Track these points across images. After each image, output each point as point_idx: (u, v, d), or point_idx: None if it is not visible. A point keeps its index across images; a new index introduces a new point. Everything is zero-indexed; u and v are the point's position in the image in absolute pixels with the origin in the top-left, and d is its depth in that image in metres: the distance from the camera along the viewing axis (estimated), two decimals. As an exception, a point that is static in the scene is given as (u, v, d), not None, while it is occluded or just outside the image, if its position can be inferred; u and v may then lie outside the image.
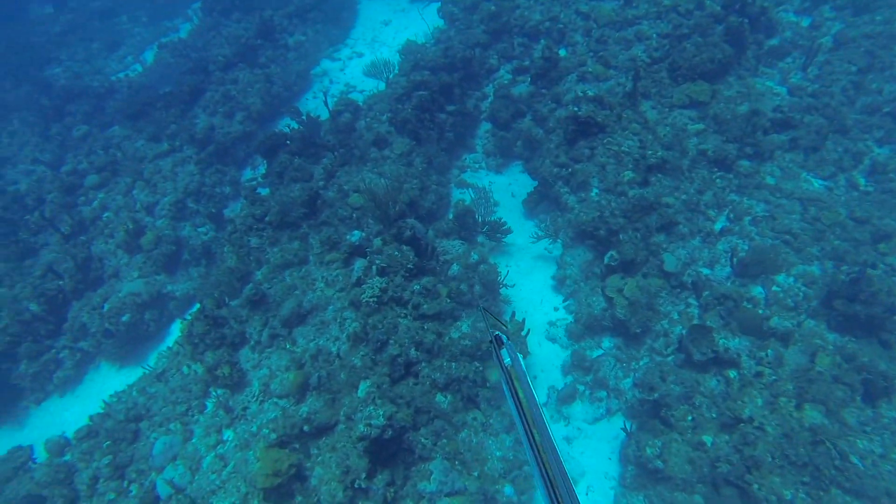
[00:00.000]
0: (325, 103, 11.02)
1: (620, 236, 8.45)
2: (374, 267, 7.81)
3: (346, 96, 12.56)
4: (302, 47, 15.88)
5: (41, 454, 8.53)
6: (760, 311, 7.38)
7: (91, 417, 8.28)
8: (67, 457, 8.03)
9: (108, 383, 9.64)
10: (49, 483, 7.50)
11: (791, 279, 7.61)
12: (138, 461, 7.29)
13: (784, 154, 9.11)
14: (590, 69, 11.18)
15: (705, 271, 8.35)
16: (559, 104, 10.94)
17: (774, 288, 7.58)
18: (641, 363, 7.97)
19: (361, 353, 7.30)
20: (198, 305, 8.70)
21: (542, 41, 12.51)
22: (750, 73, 10.31)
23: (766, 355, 6.84)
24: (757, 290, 7.73)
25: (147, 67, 17.22)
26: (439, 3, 15.69)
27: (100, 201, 11.36)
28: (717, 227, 8.81)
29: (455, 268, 8.48)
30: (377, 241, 8.17)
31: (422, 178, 10.03)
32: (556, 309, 8.96)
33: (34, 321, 9.69)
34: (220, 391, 7.64)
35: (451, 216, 9.77)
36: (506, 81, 12.21)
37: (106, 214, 11.09)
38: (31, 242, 10.87)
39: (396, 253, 7.91)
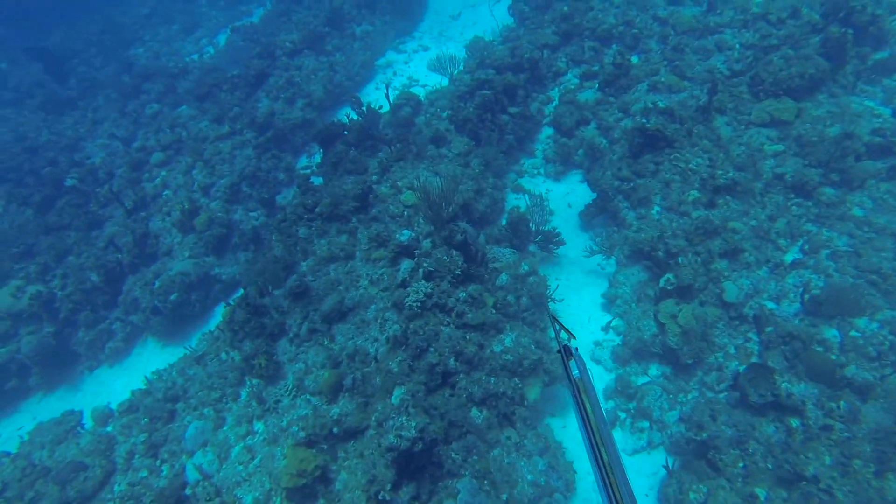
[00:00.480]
0: (387, 95, 10.92)
1: (679, 259, 7.92)
2: (420, 270, 7.64)
3: (407, 90, 12.43)
4: (369, 37, 15.87)
5: (89, 421, 8.89)
6: (833, 357, 6.74)
7: (133, 392, 8.56)
8: (110, 427, 8.34)
9: (153, 359, 9.97)
10: (91, 452, 7.80)
11: (875, 325, 6.90)
12: (171, 442, 7.45)
13: (879, 184, 8.28)
14: (662, 79, 10.58)
15: (770, 305, 7.72)
16: (626, 114, 10.41)
17: (853, 333, 6.90)
18: (690, 396, 7.47)
19: (399, 357, 7.16)
20: (241, 291, 8.81)
21: (615, 46, 11.97)
22: (845, 91, 9.43)
23: (839, 407, 6.21)
24: (831, 333, 7.07)
25: (218, 50, 17.72)
26: (510, 1, 15.32)
27: (162, 179, 11.73)
28: (789, 258, 8.13)
29: (504, 277, 8.20)
30: (426, 243, 8.00)
31: (478, 180, 9.78)
32: (603, 329, 8.54)
33: (94, 291, 10.12)
34: (255, 381, 7.70)
35: (504, 222, 9.48)
36: (573, 86, 11.74)
37: (166, 192, 11.44)
38: (99, 214, 11.37)
39: (445, 257, 7.71)
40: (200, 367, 8.31)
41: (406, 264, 8.10)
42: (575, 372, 2.62)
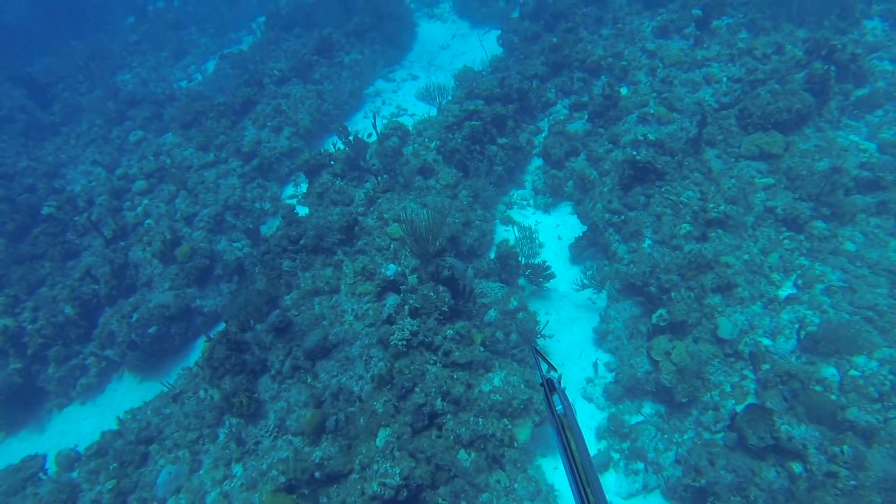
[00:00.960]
0: (374, 125, 10.81)
1: (672, 294, 7.75)
2: (406, 307, 7.38)
3: (396, 119, 12.34)
4: (357, 66, 15.86)
5: (53, 466, 8.39)
6: (833, 398, 6.54)
7: (103, 434, 8.11)
8: (75, 473, 7.84)
9: (128, 395, 9.52)
10: (52, 502, 7.29)
11: (874, 364, 6.73)
12: (142, 488, 7.01)
13: (869, 218, 8.23)
14: (652, 111, 10.59)
15: (766, 342, 7.54)
16: (616, 145, 10.37)
17: (852, 372, 6.72)
18: (686, 437, 7.21)
19: (384, 397, 6.85)
20: (223, 325, 8.48)
21: (604, 77, 12.02)
22: (831, 126, 9.48)
23: (843, 452, 5.98)
24: (829, 372, 6.88)
25: (206, 77, 17.61)
26: (499, 31, 15.45)
27: (144, 207, 11.41)
28: (783, 293, 8.00)
29: (492, 313, 7.96)
30: (413, 279, 7.76)
31: (466, 212, 9.61)
32: (594, 365, 8.29)
33: (67, 325, 9.71)
34: (234, 420, 7.32)
35: (493, 255, 9.28)
36: (562, 117, 11.73)
37: (147, 221, 11.11)
38: (76, 244, 10.99)
39: (432, 294, 7.47)
40: (177, 405, 7.91)
41: (392, 299, 7.84)
42: (559, 408, 2.43)
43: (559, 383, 2.56)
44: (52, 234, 11.14)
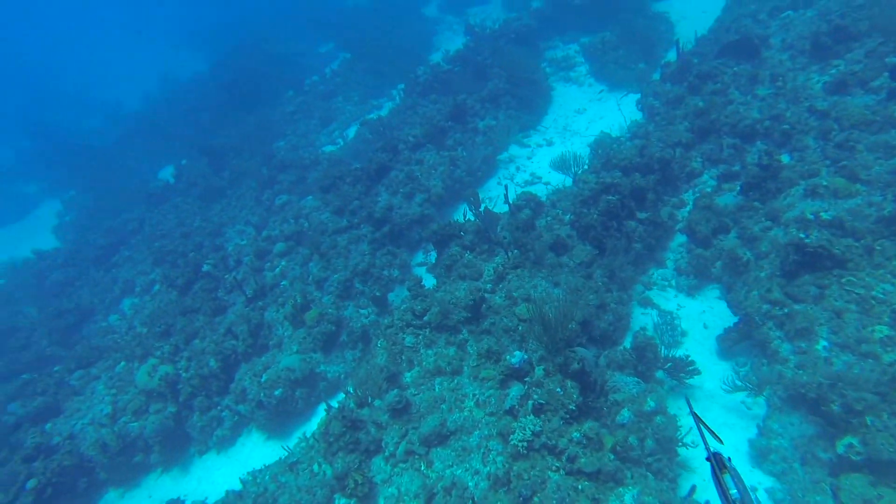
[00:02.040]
0: (506, 197, 10.64)
1: (868, 420, 6.30)
2: (530, 402, 6.85)
3: (528, 190, 12.09)
4: (491, 131, 16.03)
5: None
6: None
7: (227, 493, 8.48)
8: (203, 528, 8.27)
9: (254, 451, 9.99)
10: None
11: None
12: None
13: None
14: (825, 182, 9.16)
15: None
16: (776, 223, 9.09)
17: None
18: None
19: (500, 502, 6.30)
20: (342, 395, 8.57)
21: (760, 144, 10.78)
22: None
23: None
24: None
25: (347, 142, 18.97)
26: (638, 95, 14.79)
27: (281, 269, 12.24)
28: None
29: (625, 414, 7.11)
30: (539, 371, 7.24)
31: (601, 294, 8.92)
32: (754, 489, 6.97)
33: (210, 377, 10.53)
34: (343, 502, 7.21)
35: (628, 345, 8.44)
36: (709, 189, 10.67)
37: (283, 283, 11.87)
38: (224, 300, 12.05)
39: (559, 390, 6.87)
40: (293, 475, 8.03)
41: (516, 389, 7.35)
42: (733, 492, 1.82)
43: (730, 461, 1.99)
44: (207, 290, 12.36)
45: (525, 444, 6.47)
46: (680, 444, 7.21)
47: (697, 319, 9.12)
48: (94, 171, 25.37)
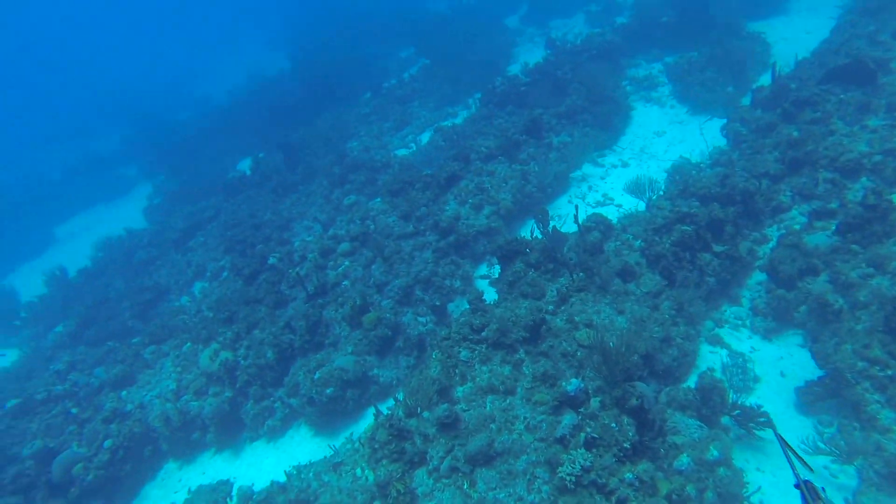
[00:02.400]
0: (576, 217, 10.31)
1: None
2: (582, 434, 6.56)
3: (599, 212, 11.70)
4: (566, 148, 15.70)
5: (234, 498, 9.22)
6: None
7: (272, 483, 8.67)
8: (247, 512, 8.50)
9: (301, 445, 10.17)
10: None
11: None
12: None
13: None
14: (941, 229, 8.30)
15: None
16: (881, 271, 8.29)
17: None
18: None
19: (544, 537, 6.05)
20: (391, 402, 8.55)
21: (866, 180, 9.94)
22: None
23: None
24: None
25: (420, 147, 19.12)
26: (724, 120, 14.04)
27: (344, 269, 12.40)
28: None
29: (684, 460, 6.66)
30: (594, 402, 6.93)
31: (666, 326, 8.48)
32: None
33: (266, 367, 10.81)
34: (384, 510, 7.18)
35: (692, 384, 7.94)
36: (798, 226, 9.92)
37: (345, 282, 12.02)
38: (286, 295, 12.37)
39: (614, 425, 6.54)
40: (336, 475, 8.08)
41: (568, 418, 7.07)
42: None
43: (824, 491, 1.76)
44: (271, 283, 12.74)
45: (573, 478, 6.18)
46: (745, 502, 6.68)
47: (773, 366, 8.45)
48: (181, 159, 27.08)
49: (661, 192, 11.74)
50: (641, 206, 11.75)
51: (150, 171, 29.35)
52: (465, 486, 7.13)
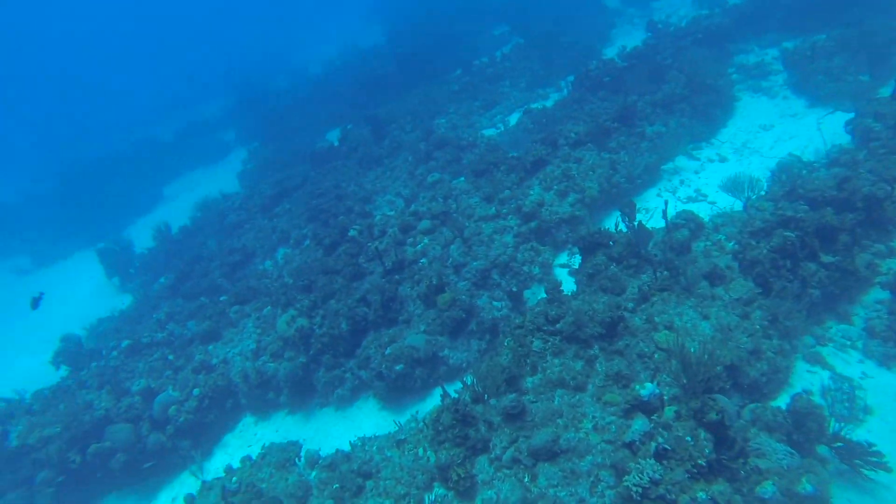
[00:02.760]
0: (664, 212, 9.71)
1: None
2: (653, 444, 6.21)
3: (689, 208, 10.92)
4: (659, 139, 14.80)
5: (302, 459, 9.64)
6: None
7: (337, 451, 8.98)
8: (313, 474, 8.85)
9: (369, 418, 10.43)
10: (291, 495, 8.34)
11: None
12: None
13: None
14: None
15: None
16: None
17: None
18: None
19: (603, 544, 5.84)
20: (459, 384, 8.53)
21: None
22: None
23: None
24: None
25: (507, 128, 18.74)
26: (851, 114, 12.57)
27: (423, 247, 12.44)
28: None
29: (769, 488, 6.13)
30: (669, 411, 6.54)
31: (756, 338, 7.83)
32: None
33: (340, 338, 11.12)
34: (442, 492, 7.21)
35: (783, 404, 7.28)
36: (932, 241, 8.77)
37: (423, 260, 12.05)
38: (364, 268, 12.61)
39: (689, 438, 6.14)
40: (398, 451, 8.21)
41: (639, 424, 6.73)
42: None
43: None
44: (350, 255, 13.02)
45: (640, 489, 5.89)
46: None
47: (891, 397, 7.53)
48: (275, 126, 28.31)
49: (763, 192, 10.76)
50: (738, 205, 10.85)
51: (246, 137, 30.98)
52: (526, 479, 7.03)
